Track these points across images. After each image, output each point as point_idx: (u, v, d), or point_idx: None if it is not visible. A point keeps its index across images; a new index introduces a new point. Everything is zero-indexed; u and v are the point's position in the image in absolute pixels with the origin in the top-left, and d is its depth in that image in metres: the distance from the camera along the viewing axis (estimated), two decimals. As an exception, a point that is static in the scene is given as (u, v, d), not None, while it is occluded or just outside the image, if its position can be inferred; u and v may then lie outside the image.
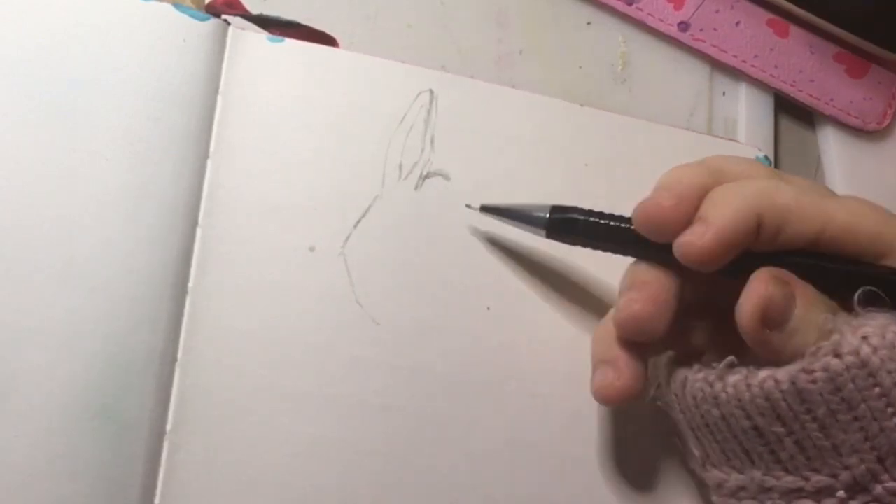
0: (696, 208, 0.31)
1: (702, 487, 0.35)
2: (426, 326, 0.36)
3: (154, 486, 0.33)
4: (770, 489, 0.30)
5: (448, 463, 0.35)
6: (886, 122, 0.44)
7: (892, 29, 0.43)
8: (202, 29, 0.36)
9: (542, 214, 0.34)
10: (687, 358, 0.33)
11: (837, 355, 0.28)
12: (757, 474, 0.31)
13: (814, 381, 0.29)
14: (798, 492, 0.30)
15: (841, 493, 0.29)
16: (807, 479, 0.29)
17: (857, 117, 0.44)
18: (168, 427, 0.33)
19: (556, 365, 0.37)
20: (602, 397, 0.33)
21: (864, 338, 0.28)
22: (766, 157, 0.41)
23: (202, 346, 0.34)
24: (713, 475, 0.32)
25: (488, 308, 0.37)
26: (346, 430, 0.34)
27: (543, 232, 0.34)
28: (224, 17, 0.38)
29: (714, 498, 0.33)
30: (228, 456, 0.33)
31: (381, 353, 0.35)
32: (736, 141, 0.42)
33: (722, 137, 0.42)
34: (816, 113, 0.44)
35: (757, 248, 0.31)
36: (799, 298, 0.30)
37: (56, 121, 0.34)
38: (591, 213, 0.34)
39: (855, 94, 0.44)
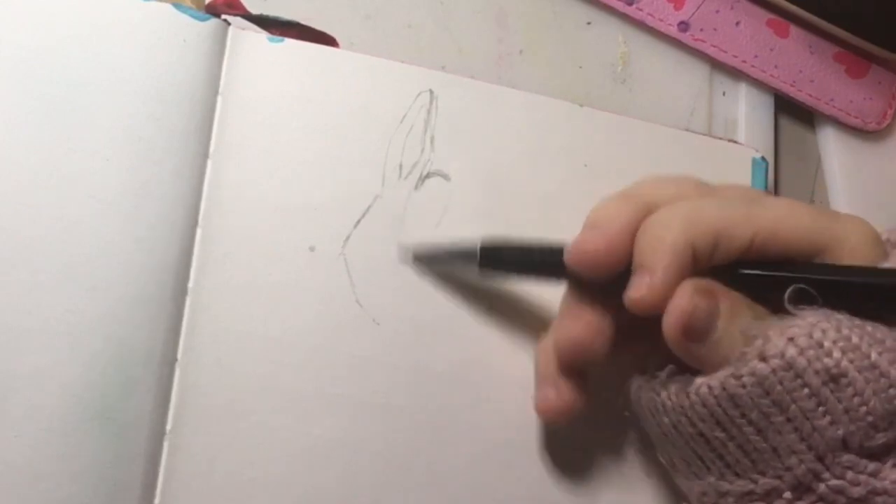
0: (628, 246, 0.31)
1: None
2: (426, 326, 0.36)
3: (154, 486, 0.33)
4: (726, 493, 0.31)
5: (448, 463, 0.35)
6: (886, 122, 0.44)
7: (892, 29, 0.43)
8: (202, 29, 0.36)
9: (472, 251, 0.34)
10: (643, 366, 0.33)
11: (763, 359, 0.29)
12: (713, 479, 0.31)
13: (743, 386, 0.29)
14: (750, 494, 0.30)
15: (787, 495, 0.29)
16: (755, 482, 0.30)
17: (857, 117, 0.44)
18: (168, 427, 0.33)
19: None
20: (544, 417, 0.34)
21: (791, 339, 0.28)
22: (763, 159, 0.41)
23: (202, 346, 0.34)
24: (681, 482, 0.33)
25: (488, 308, 0.37)
26: (346, 430, 0.34)
27: (476, 270, 0.35)
28: (224, 17, 0.38)
29: None
30: (228, 456, 0.33)
31: (381, 353, 0.35)
32: (736, 141, 0.42)
33: (722, 138, 0.42)
34: (816, 113, 0.44)
35: (696, 271, 0.31)
36: (723, 309, 0.30)
37: (56, 121, 0.34)
38: (520, 244, 0.34)
39: (855, 94, 0.44)
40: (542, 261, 0.33)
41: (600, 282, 0.32)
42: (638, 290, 0.30)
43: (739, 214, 0.31)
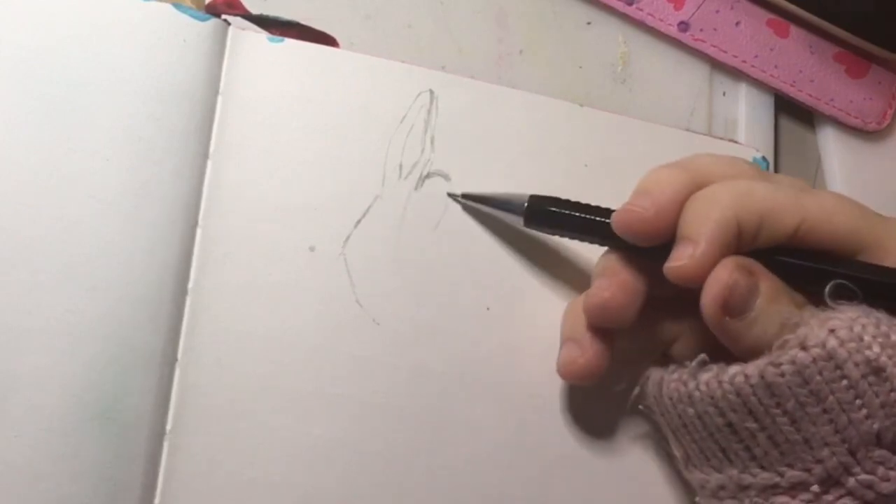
0: (676, 216, 0.31)
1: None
2: (426, 326, 0.36)
3: (154, 486, 0.33)
4: (748, 487, 0.31)
5: (448, 463, 0.35)
6: (886, 122, 0.44)
7: (892, 29, 0.43)
8: (202, 29, 0.36)
9: (519, 203, 0.35)
10: (664, 360, 0.33)
11: (804, 348, 0.29)
12: (734, 472, 0.31)
13: (782, 375, 0.29)
14: (774, 488, 0.30)
15: (815, 488, 0.29)
16: (782, 475, 0.30)
17: (857, 117, 0.44)
18: (168, 427, 0.33)
19: (555, 365, 0.37)
20: (565, 373, 0.34)
21: (832, 330, 0.29)
22: (764, 159, 0.41)
23: (202, 346, 0.34)
24: (695, 476, 0.33)
25: (488, 308, 0.37)
26: (345, 430, 0.34)
27: (521, 220, 0.35)
28: (224, 17, 0.38)
29: (698, 499, 0.33)
30: (228, 456, 0.33)
31: (381, 353, 0.35)
32: (736, 141, 0.42)
33: (722, 138, 0.42)
34: (816, 113, 0.44)
35: (739, 250, 0.31)
36: (763, 289, 0.30)
37: (56, 121, 0.34)
38: (568, 204, 0.34)
39: (855, 94, 0.44)
40: (588, 221, 0.34)
41: (643, 247, 0.32)
42: (679, 260, 0.31)
43: (788, 200, 0.31)
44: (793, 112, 0.45)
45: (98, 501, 0.32)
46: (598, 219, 0.33)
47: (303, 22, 0.39)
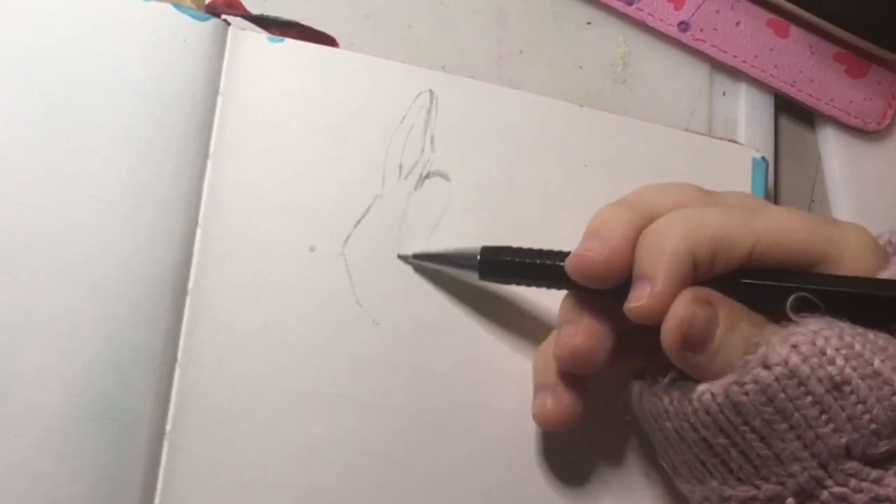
0: (629, 255, 0.31)
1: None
2: (426, 326, 0.36)
3: (154, 487, 0.33)
4: (728, 499, 0.31)
5: (448, 463, 0.35)
6: (886, 122, 0.44)
7: (892, 29, 0.43)
8: (202, 29, 0.36)
9: (472, 256, 0.34)
10: (645, 371, 0.33)
11: (766, 366, 0.29)
12: (715, 484, 0.31)
13: (746, 394, 0.29)
14: (753, 500, 0.30)
15: (790, 501, 0.29)
16: (758, 488, 0.30)
17: (857, 117, 0.44)
18: (168, 427, 0.33)
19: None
20: (541, 422, 0.34)
21: (794, 346, 0.28)
22: (764, 159, 0.41)
23: (202, 346, 0.34)
24: (683, 486, 0.33)
25: (488, 311, 0.37)
26: (346, 430, 0.34)
27: (476, 275, 0.35)
28: (224, 17, 0.38)
29: None
30: (228, 456, 0.33)
31: (381, 353, 0.35)
32: (736, 141, 0.42)
33: (722, 138, 0.42)
34: (816, 113, 0.44)
35: (696, 280, 0.31)
36: (722, 318, 0.30)
37: (56, 121, 0.34)
38: (520, 252, 0.34)
39: (855, 94, 0.44)
40: (542, 269, 0.33)
41: (601, 290, 0.32)
42: (638, 300, 0.30)
43: (739, 223, 0.31)
44: (793, 112, 0.45)
45: (98, 501, 0.32)
46: (554, 263, 0.33)
47: (303, 22, 0.39)
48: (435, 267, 0.36)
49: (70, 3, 0.35)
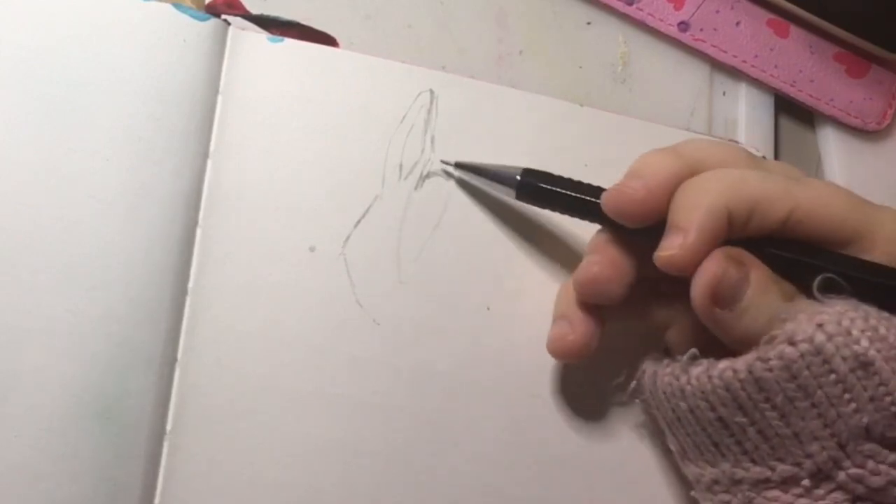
0: (666, 200, 0.31)
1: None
2: (426, 326, 0.36)
3: (154, 487, 0.33)
4: (740, 481, 0.31)
5: (448, 463, 0.35)
6: (886, 122, 0.44)
7: (892, 29, 0.43)
8: (202, 29, 0.36)
9: (512, 176, 0.35)
10: (659, 354, 0.34)
11: (792, 343, 0.29)
12: (727, 466, 0.31)
13: (770, 370, 0.29)
14: (766, 482, 0.30)
15: (806, 482, 0.29)
16: (773, 469, 0.30)
17: (857, 117, 0.44)
18: (168, 427, 0.33)
19: (555, 365, 0.37)
20: (554, 349, 0.34)
21: (820, 325, 0.29)
22: (764, 158, 0.41)
23: (202, 346, 0.34)
24: (691, 470, 0.33)
25: (488, 308, 0.37)
26: (346, 430, 0.34)
27: (513, 193, 0.35)
28: (224, 17, 0.38)
29: (693, 493, 0.33)
30: (228, 456, 0.33)
31: (381, 353, 0.35)
32: (736, 141, 0.42)
33: (722, 138, 0.42)
34: (816, 113, 0.44)
35: (729, 238, 0.31)
36: (753, 280, 0.30)
37: (56, 121, 0.34)
38: (560, 181, 0.35)
39: (855, 94, 0.44)
40: (579, 199, 0.34)
41: (632, 229, 0.32)
42: (669, 249, 0.31)
43: (780, 189, 0.31)
44: (793, 112, 0.45)
45: (98, 501, 0.32)
46: (588, 198, 0.34)
47: (303, 22, 0.39)
48: (474, 182, 0.37)
49: (70, 3, 0.35)
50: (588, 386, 0.37)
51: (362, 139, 0.37)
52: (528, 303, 0.37)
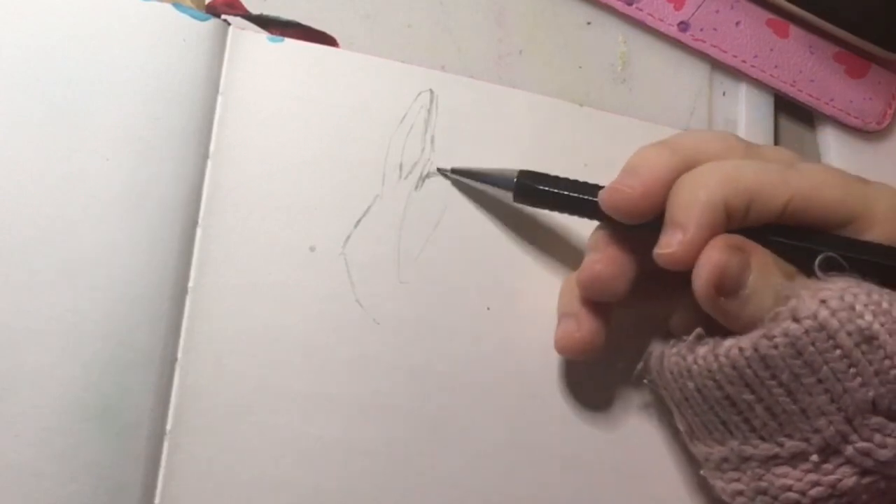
0: (663, 196, 0.32)
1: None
2: (426, 326, 0.36)
3: (154, 486, 0.33)
4: (749, 458, 0.31)
5: (448, 463, 0.35)
6: (886, 122, 0.44)
7: (892, 29, 0.43)
8: (202, 29, 0.36)
9: (509, 179, 0.35)
10: (666, 335, 0.34)
11: (796, 319, 0.29)
12: (735, 444, 0.31)
13: (775, 347, 0.29)
14: (775, 458, 0.30)
15: (814, 458, 0.29)
16: (781, 445, 0.30)
17: (857, 117, 0.44)
18: (168, 427, 0.33)
19: (556, 365, 0.37)
20: (562, 347, 0.35)
21: (823, 301, 0.29)
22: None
23: (202, 346, 0.34)
24: (700, 449, 0.33)
25: (488, 308, 0.37)
26: (346, 430, 0.34)
27: (510, 195, 0.35)
28: (224, 17, 0.38)
29: (702, 472, 0.33)
30: (228, 456, 0.33)
31: (381, 353, 0.35)
32: (736, 141, 0.42)
33: (722, 137, 0.42)
34: (816, 113, 0.44)
35: (728, 230, 0.31)
36: (754, 265, 0.31)
37: (56, 121, 0.34)
38: (556, 181, 0.35)
39: (855, 94, 0.44)
40: (576, 198, 0.34)
41: (630, 225, 0.32)
42: (668, 246, 0.31)
43: (776, 179, 0.31)
44: (793, 112, 0.45)
45: (98, 501, 0.32)
46: (586, 197, 0.34)
47: (303, 22, 0.39)
48: (472, 184, 0.37)
49: (70, 4, 0.35)
50: (588, 386, 0.37)
51: (362, 139, 0.37)
52: (528, 303, 0.37)
